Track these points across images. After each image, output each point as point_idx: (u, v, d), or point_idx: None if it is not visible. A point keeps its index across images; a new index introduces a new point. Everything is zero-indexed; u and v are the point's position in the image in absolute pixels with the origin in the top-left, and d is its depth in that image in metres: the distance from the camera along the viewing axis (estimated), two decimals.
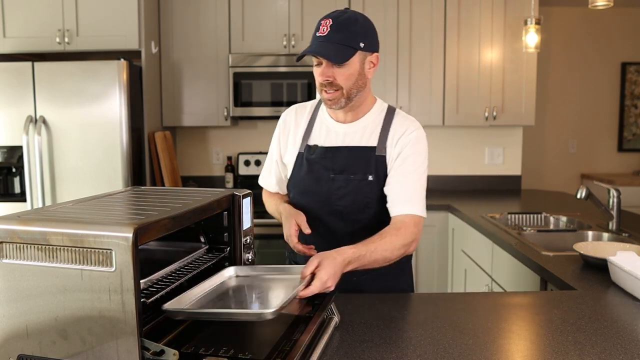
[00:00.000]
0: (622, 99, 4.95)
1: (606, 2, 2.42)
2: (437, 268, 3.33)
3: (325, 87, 1.44)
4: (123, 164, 3.02)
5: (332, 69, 1.42)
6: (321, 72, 1.43)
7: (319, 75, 1.43)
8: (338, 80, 1.43)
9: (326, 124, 1.58)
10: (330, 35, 1.39)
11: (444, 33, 3.48)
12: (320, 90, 1.47)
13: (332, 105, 1.47)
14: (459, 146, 3.86)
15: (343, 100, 1.46)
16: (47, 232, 0.92)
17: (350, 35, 1.41)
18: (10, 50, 3.22)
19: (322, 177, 1.53)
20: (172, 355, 0.89)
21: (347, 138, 1.54)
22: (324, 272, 1.17)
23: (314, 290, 1.14)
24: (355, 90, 1.47)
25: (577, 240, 2.17)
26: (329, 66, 1.41)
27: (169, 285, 1.07)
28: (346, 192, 1.51)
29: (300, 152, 1.58)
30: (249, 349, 1.01)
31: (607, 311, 1.38)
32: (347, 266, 1.27)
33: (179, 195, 1.24)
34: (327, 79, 1.42)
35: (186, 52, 3.51)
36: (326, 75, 1.42)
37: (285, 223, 1.53)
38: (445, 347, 1.15)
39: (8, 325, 0.96)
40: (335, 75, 1.42)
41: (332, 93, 1.44)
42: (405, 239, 1.41)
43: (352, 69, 1.43)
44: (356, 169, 1.50)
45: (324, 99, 1.48)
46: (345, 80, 1.43)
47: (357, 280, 1.56)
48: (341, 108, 1.49)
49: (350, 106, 1.51)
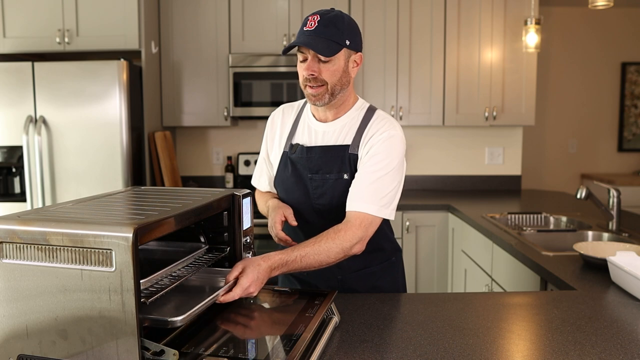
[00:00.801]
0: (622, 99, 4.96)
1: (606, 2, 2.42)
2: (437, 268, 3.33)
3: (309, 82, 1.44)
4: (123, 164, 3.02)
5: (318, 64, 1.42)
6: (307, 66, 1.42)
7: (305, 70, 1.43)
8: (323, 75, 1.43)
9: (308, 123, 1.59)
10: (318, 30, 1.40)
11: (444, 33, 3.49)
12: (304, 86, 1.47)
13: (316, 101, 1.47)
14: (459, 146, 3.86)
15: (327, 96, 1.46)
16: (47, 232, 0.92)
17: (337, 32, 1.41)
18: (10, 50, 3.22)
19: (302, 176, 1.55)
20: (172, 355, 0.89)
21: (325, 137, 1.55)
22: (246, 278, 1.17)
23: (235, 295, 1.14)
24: (339, 87, 1.47)
25: (577, 240, 2.17)
26: (315, 61, 1.42)
27: (169, 285, 1.07)
28: (324, 191, 1.52)
29: (284, 151, 1.59)
30: (249, 349, 1.02)
31: (607, 311, 1.38)
32: (273, 272, 1.26)
33: (179, 195, 1.24)
34: (312, 73, 1.42)
35: (186, 52, 3.52)
36: (312, 70, 1.42)
37: (271, 214, 1.55)
38: (445, 347, 1.15)
39: (8, 325, 0.96)
40: (320, 70, 1.42)
41: (316, 88, 1.44)
42: (343, 242, 1.36)
43: (337, 65, 1.44)
44: (331, 168, 1.51)
45: (308, 95, 1.48)
46: (331, 76, 1.43)
47: (342, 278, 1.59)
48: (325, 105, 1.49)
49: (332, 104, 1.51)
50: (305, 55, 1.43)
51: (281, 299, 1.33)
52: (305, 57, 1.44)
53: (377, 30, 3.47)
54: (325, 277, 1.59)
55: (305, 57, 1.43)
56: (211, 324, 1.12)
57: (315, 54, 1.41)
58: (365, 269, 1.60)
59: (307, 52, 1.42)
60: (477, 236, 2.67)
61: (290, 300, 1.31)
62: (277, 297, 1.33)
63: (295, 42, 1.42)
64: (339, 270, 1.56)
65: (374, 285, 1.62)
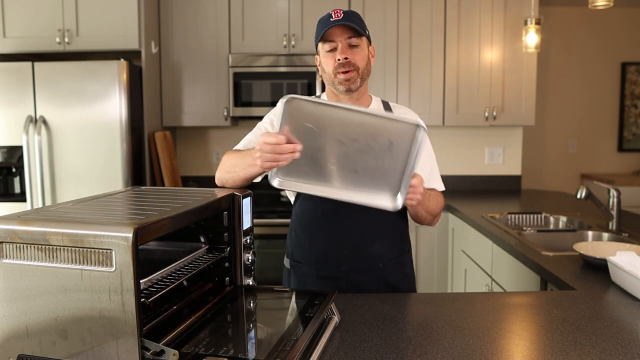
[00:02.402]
0: (622, 99, 4.95)
1: (606, 2, 2.42)
2: (437, 268, 3.33)
3: (343, 67, 1.51)
4: (123, 164, 3.02)
5: (350, 49, 1.51)
6: (340, 50, 1.50)
7: (340, 54, 1.50)
8: (355, 59, 1.51)
9: None
10: (345, 18, 1.49)
11: (444, 33, 3.49)
12: (336, 73, 1.52)
13: (351, 85, 1.53)
14: (459, 146, 3.86)
15: (359, 80, 1.53)
16: (47, 232, 0.92)
17: (360, 22, 1.53)
18: (10, 50, 3.22)
19: None
20: (172, 355, 0.89)
21: None
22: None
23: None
24: (367, 73, 1.57)
25: (577, 240, 2.17)
26: (347, 47, 1.51)
27: (169, 285, 1.07)
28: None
29: None
30: (249, 349, 1.02)
31: (607, 311, 1.38)
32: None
33: (179, 195, 1.24)
34: (346, 57, 1.49)
35: (186, 52, 3.52)
36: (345, 54, 1.49)
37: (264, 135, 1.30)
38: (445, 347, 1.15)
39: (8, 325, 0.96)
40: (353, 55, 1.51)
41: (349, 73, 1.51)
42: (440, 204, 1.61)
43: (364, 50, 1.54)
44: None
45: (340, 82, 1.53)
46: (361, 60, 1.53)
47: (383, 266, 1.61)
48: (357, 89, 1.55)
49: (357, 96, 1.59)
50: (333, 44, 1.51)
51: (281, 299, 1.33)
52: (333, 47, 1.52)
53: (377, 30, 3.47)
54: (368, 267, 1.61)
55: (334, 46, 1.51)
56: (211, 324, 1.12)
57: (347, 41, 1.50)
58: (399, 256, 1.65)
59: (337, 41, 1.50)
60: (477, 236, 2.67)
61: (290, 300, 1.31)
62: (277, 297, 1.33)
63: (331, 22, 1.48)
64: (380, 258, 1.60)
65: (404, 273, 1.67)
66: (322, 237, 1.60)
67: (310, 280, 1.63)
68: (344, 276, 1.60)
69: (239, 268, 1.33)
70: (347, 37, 1.50)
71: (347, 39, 1.50)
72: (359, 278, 1.60)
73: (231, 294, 1.29)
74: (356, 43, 1.51)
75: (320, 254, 1.61)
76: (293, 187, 1.35)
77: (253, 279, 1.37)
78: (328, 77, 1.56)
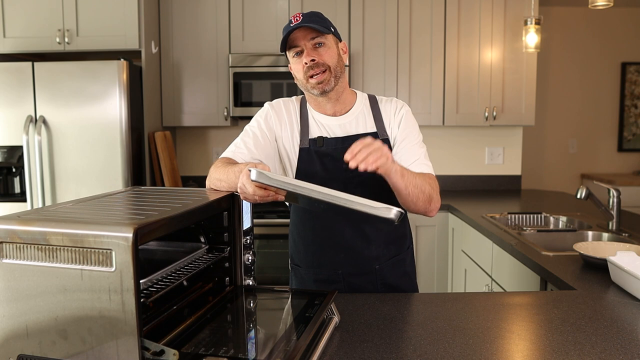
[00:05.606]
0: (622, 99, 4.95)
1: (606, 2, 2.42)
2: (437, 268, 3.33)
3: (312, 69, 1.48)
4: (123, 164, 3.02)
5: (316, 50, 1.48)
6: (306, 53, 1.47)
7: (305, 57, 1.47)
8: (324, 58, 1.48)
9: (318, 119, 1.59)
10: (305, 20, 1.46)
11: (444, 33, 3.48)
12: (307, 78, 1.49)
13: (325, 87, 1.49)
14: (459, 146, 3.86)
15: (332, 80, 1.50)
16: (47, 232, 0.92)
17: (321, 20, 1.49)
18: (10, 50, 3.22)
19: (335, 168, 1.54)
20: (172, 355, 0.89)
21: (344, 129, 1.57)
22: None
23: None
24: (340, 70, 1.52)
25: (577, 240, 2.17)
26: (312, 48, 1.48)
27: (169, 285, 1.07)
28: (362, 180, 1.52)
29: (304, 147, 1.57)
30: (249, 349, 1.01)
31: (607, 311, 1.38)
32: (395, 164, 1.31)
33: (179, 195, 1.24)
34: (313, 59, 1.47)
35: (186, 52, 3.52)
36: (312, 56, 1.47)
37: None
38: (445, 347, 1.15)
39: (8, 325, 0.96)
40: (320, 55, 1.48)
41: (320, 75, 1.48)
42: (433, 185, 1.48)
43: (332, 48, 1.50)
44: None
45: (313, 86, 1.50)
46: (330, 58, 1.49)
47: (380, 267, 1.59)
48: (331, 90, 1.51)
49: (337, 97, 1.55)
50: (298, 49, 1.48)
51: (281, 299, 1.33)
52: (298, 51, 1.49)
53: (377, 30, 3.47)
54: (364, 269, 1.59)
55: (299, 50, 1.48)
56: (211, 324, 1.12)
57: (311, 42, 1.47)
58: (397, 255, 1.63)
59: (301, 45, 1.47)
60: (477, 236, 2.67)
61: (290, 300, 1.31)
62: (277, 297, 1.33)
63: (291, 27, 1.45)
64: (376, 260, 1.58)
65: (405, 271, 1.65)
66: (316, 242, 1.60)
67: (309, 283, 1.64)
68: (341, 279, 1.61)
69: (239, 268, 1.33)
70: (310, 39, 1.47)
71: (311, 40, 1.47)
72: (356, 281, 1.60)
73: (231, 294, 1.29)
74: (321, 41, 1.48)
75: (316, 259, 1.61)
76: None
77: (253, 279, 1.37)
78: (301, 83, 1.53)
